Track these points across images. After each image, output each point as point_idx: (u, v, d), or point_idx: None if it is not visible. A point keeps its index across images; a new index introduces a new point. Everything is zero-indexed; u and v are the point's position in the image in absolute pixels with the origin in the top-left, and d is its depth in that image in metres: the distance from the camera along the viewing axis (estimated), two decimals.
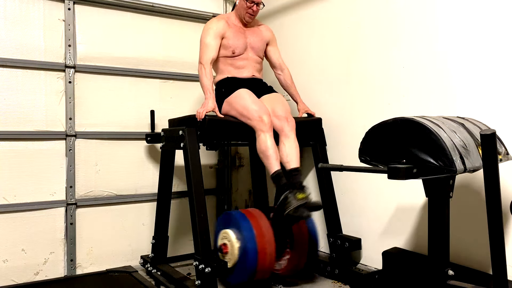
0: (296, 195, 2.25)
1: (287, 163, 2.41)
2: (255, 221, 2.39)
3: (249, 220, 2.39)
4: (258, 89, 2.65)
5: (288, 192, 2.28)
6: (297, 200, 2.23)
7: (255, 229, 2.35)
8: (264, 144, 2.38)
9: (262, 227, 2.37)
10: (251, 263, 2.32)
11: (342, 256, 2.65)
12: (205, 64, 2.57)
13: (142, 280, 2.50)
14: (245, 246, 2.33)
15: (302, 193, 2.28)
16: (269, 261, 2.36)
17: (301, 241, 2.52)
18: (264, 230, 2.37)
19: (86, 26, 2.89)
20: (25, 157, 2.69)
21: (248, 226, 2.36)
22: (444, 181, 1.72)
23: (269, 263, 2.37)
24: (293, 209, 2.22)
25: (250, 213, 2.47)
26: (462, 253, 2.12)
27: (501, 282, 1.41)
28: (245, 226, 2.36)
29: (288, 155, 2.41)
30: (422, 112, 2.24)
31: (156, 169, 3.08)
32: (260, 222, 2.40)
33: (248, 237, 2.33)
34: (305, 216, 2.23)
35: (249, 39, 2.72)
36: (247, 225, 2.37)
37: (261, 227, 2.38)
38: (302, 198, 2.24)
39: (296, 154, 2.44)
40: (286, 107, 2.59)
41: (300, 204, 2.22)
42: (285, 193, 2.29)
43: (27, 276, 2.69)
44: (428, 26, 2.28)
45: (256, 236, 2.33)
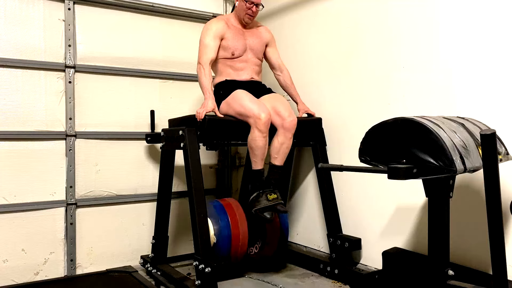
0: (267, 195, 2.45)
1: (274, 158, 2.52)
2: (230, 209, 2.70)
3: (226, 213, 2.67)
4: (257, 91, 2.65)
5: (261, 191, 2.47)
6: (268, 200, 2.44)
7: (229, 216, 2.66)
8: (255, 143, 2.43)
9: (236, 215, 2.67)
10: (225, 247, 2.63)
11: (342, 256, 2.65)
12: (204, 65, 2.57)
13: (142, 280, 2.51)
14: (220, 234, 2.61)
15: (274, 194, 2.46)
16: (241, 246, 2.65)
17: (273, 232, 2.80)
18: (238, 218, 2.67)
19: (86, 26, 2.89)
20: (25, 157, 2.69)
21: (224, 216, 2.65)
22: (444, 181, 1.72)
23: (242, 248, 2.66)
24: (260, 208, 2.44)
25: (227, 202, 2.77)
26: (462, 253, 2.12)
27: (501, 282, 1.41)
28: (221, 218, 2.65)
29: (278, 151, 2.50)
30: (422, 112, 2.24)
31: (156, 169, 3.08)
32: (235, 210, 2.69)
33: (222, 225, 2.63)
34: (269, 219, 2.45)
35: (249, 41, 2.72)
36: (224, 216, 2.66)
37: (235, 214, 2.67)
38: (272, 199, 2.44)
39: (285, 153, 2.53)
40: (287, 106, 2.59)
41: (268, 206, 2.43)
42: (258, 191, 2.47)
43: (27, 276, 2.69)
44: (428, 26, 2.28)
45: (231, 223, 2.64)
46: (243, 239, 2.65)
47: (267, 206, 2.43)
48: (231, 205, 2.73)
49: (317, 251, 2.97)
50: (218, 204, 2.74)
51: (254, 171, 2.50)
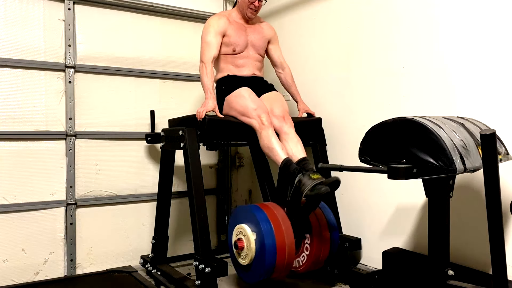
0: (310, 176, 2.17)
1: (293, 155, 2.36)
2: (272, 213, 2.22)
3: (265, 212, 2.21)
4: (258, 88, 2.65)
5: (301, 175, 2.20)
6: (313, 179, 2.14)
7: (272, 222, 2.17)
8: (267, 139, 2.37)
9: (279, 219, 2.19)
10: (270, 259, 2.11)
11: (342, 256, 2.65)
12: (207, 63, 2.57)
13: (142, 280, 2.51)
14: (263, 240, 2.11)
15: (316, 174, 2.19)
16: (288, 256, 2.16)
17: (321, 236, 2.35)
18: (282, 222, 2.18)
19: (86, 26, 2.89)
20: (25, 157, 2.69)
21: (265, 218, 2.17)
22: (444, 181, 1.72)
23: (288, 259, 2.18)
24: (310, 187, 2.12)
25: (265, 205, 2.32)
26: (462, 253, 2.12)
27: (501, 282, 1.41)
28: (261, 218, 2.16)
29: (292, 148, 2.40)
30: (422, 112, 2.24)
31: (156, 169, 3.08)
32: (277, 214, 2.22)
33: (265, 230, 2.12)
34: (323, 191, 2.08)
35: (250, 37, 2.71)
36: (264, 217, 2.17)
37: (279, 219, 2.19)
38: (317, 178, 2.15)
39: (300, 146, 2.41)
40: (284, 107, 2.59)
41: (317, 183, 2.12)
42: (298, 177, 2.20)
43: (27, 276, 2.69)
44: (428, 26, 2.28)
45: (274, 228, 2.14)
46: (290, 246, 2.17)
47: (316, 183, 2.12)
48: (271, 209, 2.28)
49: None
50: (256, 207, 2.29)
51: (282, 165, 2.29)
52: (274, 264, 2.14)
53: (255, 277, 2.22)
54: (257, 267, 2.18)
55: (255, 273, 2.21)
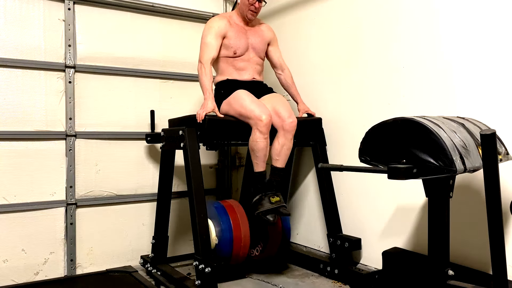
0: (270, 198, 2.42)
1: (276, 160, 2.50)
2: (232, 211, 2.68)
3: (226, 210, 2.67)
4: (258, 91, 2.65)
5: (263, 194, 2.44)
6: (271, 203, 2.41)
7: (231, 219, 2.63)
8: (256, 144, 2.42)
9: (238, 217, 2.66)
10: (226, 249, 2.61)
11: (342, 256, 2.65)
12: (205, 64, 2.56)
13: (142, 280, 2.51)
14: (222, 235, 2.59)
15: (276, 197, 2.44)
16: (243, 247, 2.64)
17: (275, 234, 2.77)
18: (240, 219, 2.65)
19: (86, 26, 2.89)
20: (25, 157, 2.69)
21: (226, 218, 2.63)
22: (444, 181, 1.72)
23: (243, 250, 2.65)
24: (263, 211, 2.40)
25: (228, 203, 2.75)
26: (462, 253, 2.12)
27: (501, 282, 1.41)
28: (223, 219, 2.63)
29: (279, 153, 2.48)
30: (422, 112, 2.24)
31: (156, 169, 3.08)
32: (236, 212, 2.68)
33: (224, 228, 2.61)
34: (272, 222, 2.41)
35: (251, 40, 2.71)
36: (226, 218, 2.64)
37: (237, 216, 2.66)
38: (275, 202, 2.41)
39: (286, 155, 2.51)
40: (288, 106, 2.58)
41: (271, 208, 2.40)
42: (261, 194, 2.45)
43: (27, 276, 2.69)
44: (429, 26, 2.28)
45: (233, 225, 2.62)
46: (245, 241, 2.63)
47: (270, 208, 2.40)
48: (232, 207, 2.72)
49: (317, 251, 2.97)
50: (219, 205, 2.73)
51: (256, 173, 2.48)
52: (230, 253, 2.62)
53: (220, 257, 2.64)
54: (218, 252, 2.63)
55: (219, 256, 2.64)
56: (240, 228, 2.63)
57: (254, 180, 2.51)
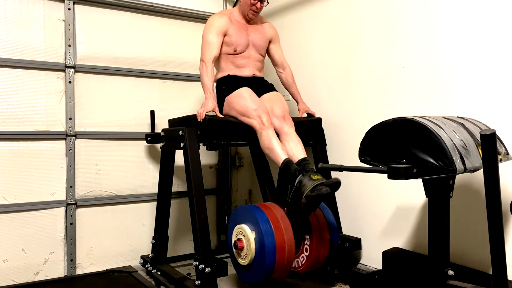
0: (311, 177, 2.16)
1: (293, 156, 2.35)
2: (271, 214, 2.22)
3: (265, 213, 2.21)
4: (258, 88, 2.65)
5: (301, 175, 2.19)
6: (313, 180, 2.13)
7: (272, 222, 2.17)
8: (267, 139, 2.36)
9: (279, 220, 2.19)
10: (270, 259, 2.11)
11: (342, 256, 2.65)
12: (207, 63, 2.56)
13: (142, 280, 2.51)
14: (262, 240, 2.11)
15: (316, 175, 2.18)
16: (288, 257, 2.16)
17: (321, 237, 2.37)
18: (282, 223, 2.19)
19: (86, 26, 2.89)
20: (25, 157, 2.69)
21: (265, 218, 2.17)
22: (444, 181, 1.72)
23: (288, 259, 2.18)
24: (310, 188, 2.10)
25: (265, 205, 2.32)
26: (462, 253, 2.12)
27: (501, 282, 1.41)
28: (261, 219, 2.16)
29: (292, 149, 2.39)
30: (422, 112, 2.24)
31: (156, 169, 3.08)
32: (277, 214, 2.22)
33: (265, 230, 2.13)
34: (324, 192, 2.06)
35: (251, 37, 2.71)
36: (263, 217, 2.18)
37: (278, 220, 2.19)
38: (317, 179, 2.14)
39: (300, 146, 2.41)
40: (284, 107, 2.58)
41: (317, 184, 2.10)
42: (299, 178, 2.19)
43: (27, 276, 2.69)
44: (428, 26, 2.28)
45: (274, 229, 2.15)
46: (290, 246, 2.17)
47: (316, 184, 2.10)
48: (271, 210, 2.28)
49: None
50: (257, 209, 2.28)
51: (282, 165, 2.28)
52: (274, 264, 2.14)
53: (255, 277, 2.22)
54: (257, 267, 2.18)
55: (255, 273, 2.21)
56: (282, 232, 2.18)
57: (284, 171, 2.28)
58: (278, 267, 2.17)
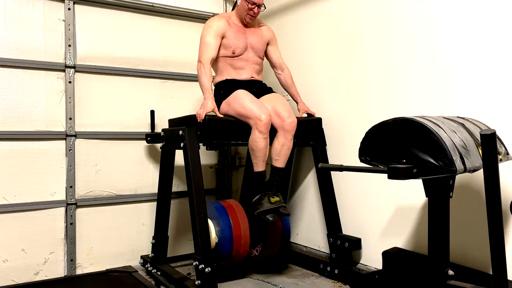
0: (270, 198, 2.43)
1: (275, 160, 2.50)
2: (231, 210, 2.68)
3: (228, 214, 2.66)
4: (257, 91, 2.65)
5: (262, 194, 2.45)
6: (270, 203, 2.42)
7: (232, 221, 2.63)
8: (255, 144, 2.42)
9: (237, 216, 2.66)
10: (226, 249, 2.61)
11: (342, 256, 2.65)
12: (205, 64, 2.57)
13: (142, 280, 2.51)
14: (222, 234, 2.58)
15: (276, 197, 2.45)
16: (243, 246, 2.64)
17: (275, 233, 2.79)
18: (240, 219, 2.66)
19: (86, 26, 2.89)
20: (25, 157, 2.69)
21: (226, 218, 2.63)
22: (444, 181, 1.72)
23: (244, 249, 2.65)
24: (263, 211, 2.41)
25: (228, 203, 2.76)
26: (462, 253, 2.12)
27: (501, 282, 1.41)
28: (223, 219, 2.63)
29: (279, 153, 2.49)
30: (422, 112, 2.24)
31: (156, 169, 3.08)
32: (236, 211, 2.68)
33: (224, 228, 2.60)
34: (272, 222, 2.42)
35: (250, 39, 2.71)
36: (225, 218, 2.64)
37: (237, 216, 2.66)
38: (274, 202, 2.43)
39: (286, 155, 2.51)
40: (287, 106, 2.58)
41: (271, 208, 2.41)
42: (261, 194, 2.46)
43: (27, 276, 2.69)
44: (428, 26, 2.28)
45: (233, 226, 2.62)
46: (245, 241, 2.63)
47: (270, 208, 2.41)
48: (232, 206, 2.72)
49: (317, 251, 2.97)
50: (219, 205, 2.72)
51: (256, 173, 2.48)
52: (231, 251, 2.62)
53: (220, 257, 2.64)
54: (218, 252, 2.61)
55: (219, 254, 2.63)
56: (240, 227, 2.62)
57: (254, 180, 2.52)
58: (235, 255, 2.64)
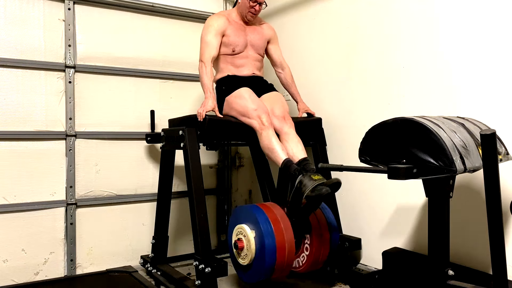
0: (311, 177, 2.16)
1: (294, 156, 2.35)
2: (271, 213, 2.23)
3: (265, 212, 2.22)
4: (258, 88, 2.65)
5: (301, 176, 2.19)
6: (314, 180, 2.13)
7: (272, 222, 2.18)
8: (267, 139, 2.37)
9: (279, 220, 2.20)
10: (270, 259, 2.12)
11: (342, 256, 2.65)
12: (206, 62, 2.57)
13: (142, 280, 2.51)
14: (263, 240, 2.12)
15: (317, 175, 2.18)
16: (288, 256, 2.18)
17: (321, 236, 2.37)
18: (282, 223, 2.20)
19: (86, 26, 2.89)
20: (25, 157, 2.69)
21: (265, 218, 2.18)
22: (444, 181, 1.72)
23: (289, 259, 2.19)
24: (311, 188, 2.11)
25: (265, 205, 2.32)
26: (462, 253, 2.12)
27: (501, 282, 1.41)
28: (261, 219, 2.17)
29: (292, 149, 2.40)
30: (422, 112, 2.24)
31: (156, 169, 3.08)
32: (277, 214, 2.23)
33: (265, 230, 2.14)
34: (324, 192, 2.07)
35: (250, 37, 2.71)
36: (263, 217, 2.19)
37: (278, 219, 2.20)
38: (318, 179, 2.15)
39: (301, 146, 2.41)
40: (284, 107, 2.59)
41: (318, 184, 2.11)
42: (299, 178, 2.20)
43: (27, 276, 2.69)
44: (428, 26, 2.28)
45: (274, 229, 2.16)
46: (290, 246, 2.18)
47: (317, 184, 2.11)
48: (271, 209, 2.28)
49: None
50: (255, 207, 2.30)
51: (282, 165, 2.29)
52: (274, 264, 2.15)
53: (255, 277, 2.22)
54: (257, 267, 2.19)
55: (255, 273, 2.21)
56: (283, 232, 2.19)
57: (285, 171, 2.28)
58: (278, 267, 2.17)
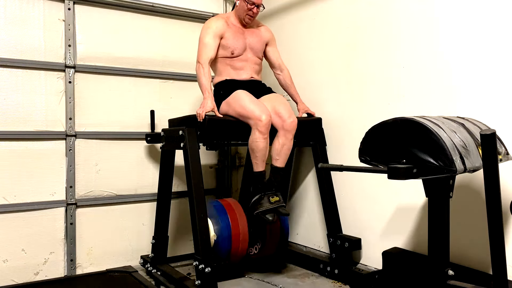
0: (270, 198, 2.46)
1: (275, 160, 2.51)
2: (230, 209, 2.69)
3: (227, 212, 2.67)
4: (257, 91, 2.65)
5: (263, 193, 2.47)
6: (270, 203, 2.45)
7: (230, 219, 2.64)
8: (255, 144, 2.43)
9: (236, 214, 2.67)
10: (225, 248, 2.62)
11: (342, 256, 2.65)
12: (204, 64, 2.57)
13: (142, 280, 2.51)
14: (220, 233, 2.59)
15: (276, 197, 2.48)
16: (241, 247, 2.65)
17: (273, 233, 2.79)
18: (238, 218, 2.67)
19: (86, 26, 2.89)
20: (25, 157, 2.69)
21: (225, 217, 2.64)
22: (444, 181, 1.72)
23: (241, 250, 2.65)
24: (263, 211, 2.44)
25: (226, 201, 2.77)
26: (462, 253, 2.12)
27: (501, 282, 1.41)
28: (222, 217, 2.64)
29: (279, 153, 2.50)
30: (422, 112, 2.24)
31: (156, 169, 3.08)
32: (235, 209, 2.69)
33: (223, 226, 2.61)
34: (271, 221, 2.45)
35: (248, 40, 2.71)
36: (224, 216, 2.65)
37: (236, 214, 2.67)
38: (274, 202, 2.46)
39: (286, 155, 2.53)
40: (287, 106, 2.59)
41: (271, 208, 2.44)
42: (260, 194, 2.48)
43: (27, 276, 2.69)
44: (428, 26, 2.28)
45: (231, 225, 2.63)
46: (243, 240, 2.63)
47: (269, 208, 2.44)
48: (231, 205, 2.72)
49: (317, 251, 2.97)
50: (218, 204, 2.72)
51: (256, 173, 2.50)
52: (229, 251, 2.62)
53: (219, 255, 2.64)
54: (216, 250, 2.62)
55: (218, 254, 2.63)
56: (238, 226, 2.62)
57: (254, 179, 2.52)
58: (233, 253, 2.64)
